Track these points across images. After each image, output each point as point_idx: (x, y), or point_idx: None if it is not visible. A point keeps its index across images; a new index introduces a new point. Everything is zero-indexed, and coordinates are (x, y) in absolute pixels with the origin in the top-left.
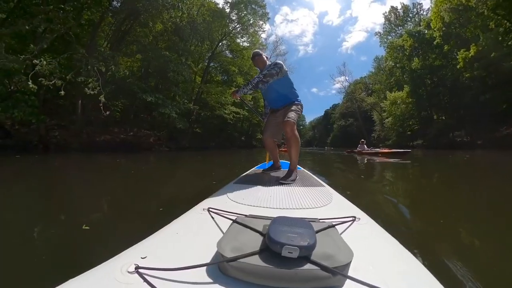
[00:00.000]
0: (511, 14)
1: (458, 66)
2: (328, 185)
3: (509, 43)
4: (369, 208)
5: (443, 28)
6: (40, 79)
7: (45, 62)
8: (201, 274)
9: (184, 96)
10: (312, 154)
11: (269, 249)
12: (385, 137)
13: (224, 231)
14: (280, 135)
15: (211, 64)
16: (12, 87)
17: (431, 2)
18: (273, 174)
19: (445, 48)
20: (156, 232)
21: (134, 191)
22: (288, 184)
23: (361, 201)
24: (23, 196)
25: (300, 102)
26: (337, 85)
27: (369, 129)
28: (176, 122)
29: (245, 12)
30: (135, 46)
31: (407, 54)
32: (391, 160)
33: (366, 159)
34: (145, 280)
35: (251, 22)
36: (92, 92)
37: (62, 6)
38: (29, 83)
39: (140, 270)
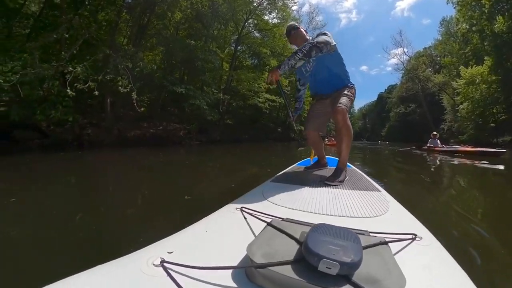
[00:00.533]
0: None
1: None
2: (385, 189)
3: None
4: (435, 226)
5: None
6: (75, 84)
7: (79, 69)
8: (226, 277)
9: (212, 85)
10: (362, 150)
11: (305, 260)
12: (459, 131)
13: (257, 234)
14: (325, 127)
15: (239, 47)
16: (44, 92)
17: None
18: (318, 172)
19: None
20: (185, 228)
21: (164, 186)
22: (334, 185)
23: (426, 215)
24: (69, 188)
25: (354, 85)
26: (393, 60)
27: (437, 119)
28: (207, 113)
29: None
30: (155, 39)
31: (486, 12)
32: (477, 163)
33: (438, 158)
34: (169, 275)
35: None
36: (125, 90)
37: (79, 12)
38: (68, 90)
39: (165, 264)
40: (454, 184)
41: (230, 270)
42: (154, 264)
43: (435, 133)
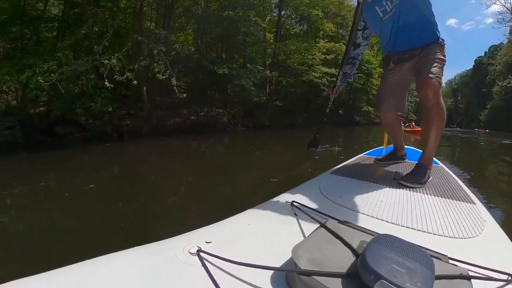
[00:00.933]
0: None
1: None
2: (482, 203)
3: None
4: None
5: None
6: (114, 76)
7: (114, 60)
8: (264, 278)
9: (257, 61)
10: (451, 140)
11: (358, 276)
12: None
13: (306, 235)
14: (405, 105)
15: (283, 13)
16: (81, 87)
17: None
18: (392, 167)
19: None
20: (227, 219)
21: (209, 175)
22: (413, 187)
23: None
24: (113, 177)
25: (444, 41)
26: (495, 7)
27: None
28: (253, 95)
29: None
30: (184, 17)
31: None
32: None
33: None
34: (204, 265)
35: None
36: (163, 77)
37: (101, 4)
38: (106, 82)
39: (202, 254)
40: None
41: (270, 272)
42: (190, 252)
43: None
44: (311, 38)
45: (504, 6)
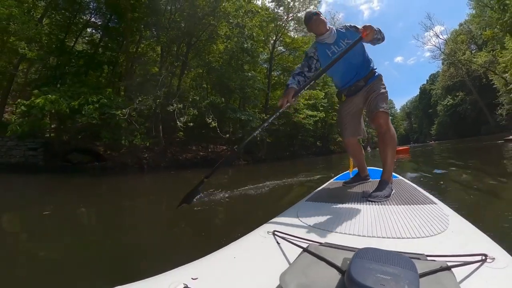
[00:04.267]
0: None
1: None
2: (442, 201)
3: None
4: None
5: None
6: (182, 118)
7: (181, 105)
8: None
9: (258, 107)
10: (411, 153)
11: None
12: None
13: (291, 261)
14: (363, 129)
15: (273, 70)
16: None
17: None
18: (359, 187)
19: None
20: (212, 253)
21: (201, 207)
22: (380, 201)
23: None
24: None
25: (380, 74)
26: (429, 46)
27: (491, 104)
28: (264, 135)
29: (292, 4)
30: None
31: None
32: None
33: None
34: None
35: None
36: (181, 125)
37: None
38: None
39: None
40: None
41: None
42: None
43: None
44: None
45: (434, 45)
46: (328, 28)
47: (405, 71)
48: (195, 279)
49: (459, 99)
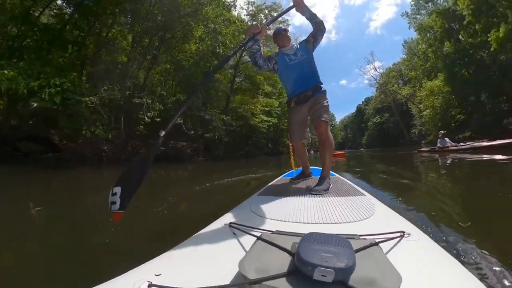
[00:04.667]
0: None
1: (491, 49)
2: (370, 193)
3: None
4: (423, 222)
5: (471, 6)
6: (149, 113)
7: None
8: None
9: (220, 108)
10: (348, 156)
11: (299, 271)
12: (427, 133)
13: (247, 249)
14: (308, 135)
15: (237, 76)
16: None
17: None
18: (303, 183)
19: (476, 27)
20: (173, 249)
21: (159, 203)
22: (320, 194)
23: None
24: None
25: (325, 90)
26: (368, 75)
27: (408, 125)
28: (223, 135)
29: (265, 21)
30: (171, 66)
31: (438, 37)
32: (501, 158)
33: (449, 159)
34: None
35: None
36: (148, 120)
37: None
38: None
39: None
40: (455, 183)
41: None
42: None
43: (442, 131)
44: (252, 93)
45: (372, 76)
46: (290, 43)
47: (347, 92)
48: (159, 275)
49: (385, 119)
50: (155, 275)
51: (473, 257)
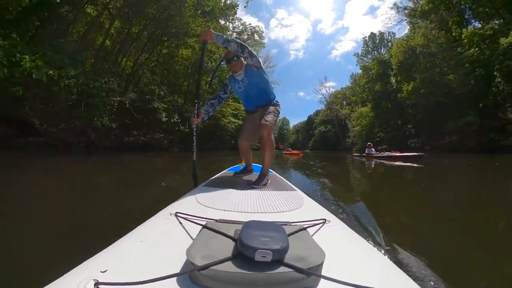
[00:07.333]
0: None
1: (402, 95)
2: (299, 189)
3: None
4: (342, 211)
5: (398, 64)
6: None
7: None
8: (171, 286)
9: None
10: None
11: (242, 255)
12: (357, 143)
13: (194, 238)
14: (256, 139)
15: (214, 80)
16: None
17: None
18: (245, 177)
19: (398, 78)
20: (117, 241)
21: (104, 193)
22: (259, 188)
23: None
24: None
25: (278, 103)
26: (320, 93)
27: (344, 136)
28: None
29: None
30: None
31: (373, 77)
32: (404, 163)
33: (373, 162)
34: None
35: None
36: (115, 104)
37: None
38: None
39: (100, 287)
40: (368, 180)
41: (174, 278)
42: None
43: (370, 143)
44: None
45: (323, 96)
46: (242, 67)
47: (303, 102)
48: (105, 271)
49: (328, 129)
50: (101, 271)
51: (378, 237)
